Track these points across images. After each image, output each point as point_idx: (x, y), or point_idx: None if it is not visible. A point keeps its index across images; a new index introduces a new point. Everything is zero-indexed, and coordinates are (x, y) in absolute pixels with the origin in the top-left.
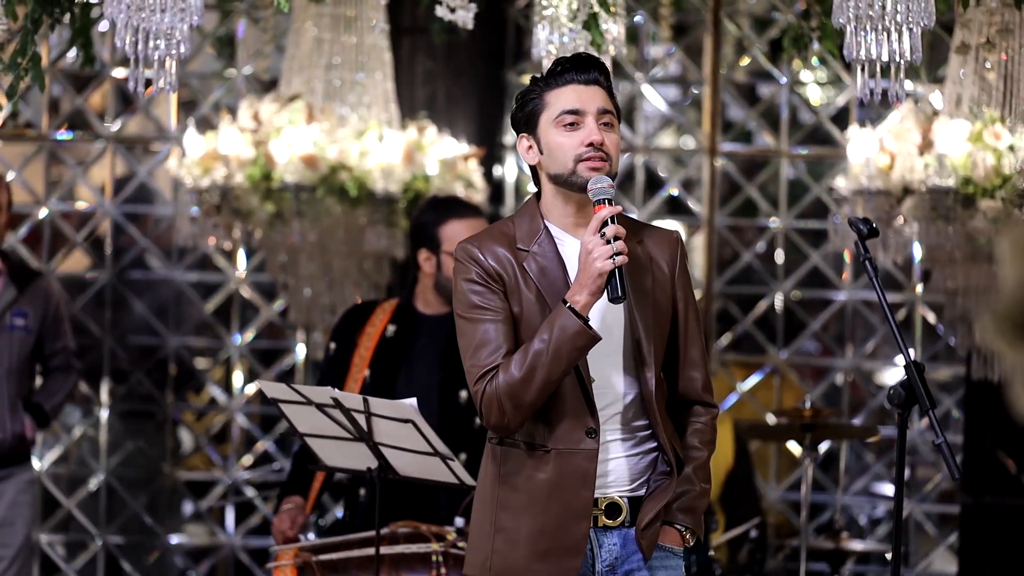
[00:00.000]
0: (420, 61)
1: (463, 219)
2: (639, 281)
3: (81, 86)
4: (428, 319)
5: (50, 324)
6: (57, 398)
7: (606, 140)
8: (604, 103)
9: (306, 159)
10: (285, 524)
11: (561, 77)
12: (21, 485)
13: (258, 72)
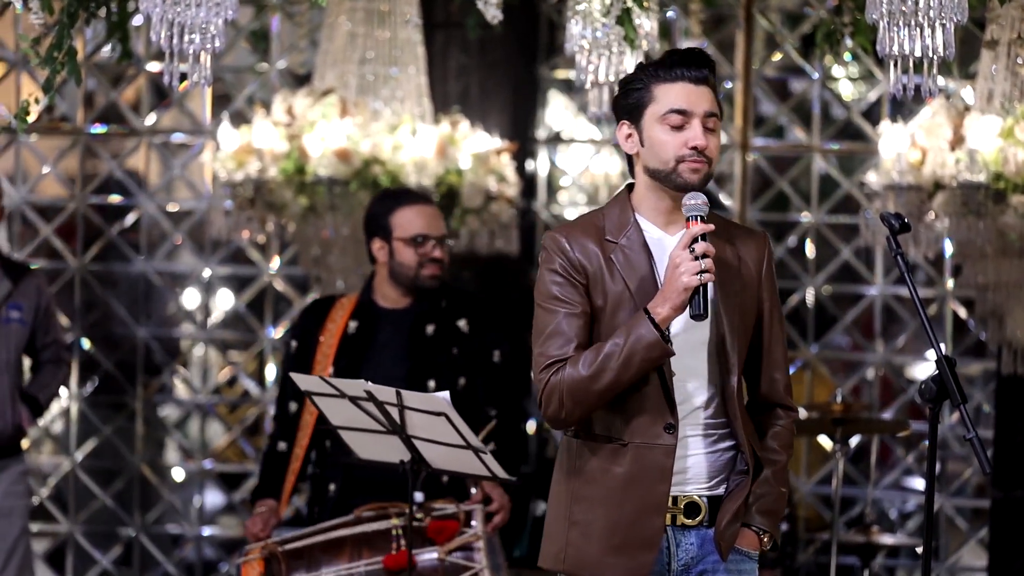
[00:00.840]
0: (453, 56)
1: (412, 205)
2: (727, 282)
3: (116, 80)
4: (389, 313)
5: (42, 317)
6: (50, 389)
7: (710, 144)
8: (711, 105)
9: (339, 153)
10: (257, 527)
11: (672, 71)
12: (15, 476)
13: (292, 66)
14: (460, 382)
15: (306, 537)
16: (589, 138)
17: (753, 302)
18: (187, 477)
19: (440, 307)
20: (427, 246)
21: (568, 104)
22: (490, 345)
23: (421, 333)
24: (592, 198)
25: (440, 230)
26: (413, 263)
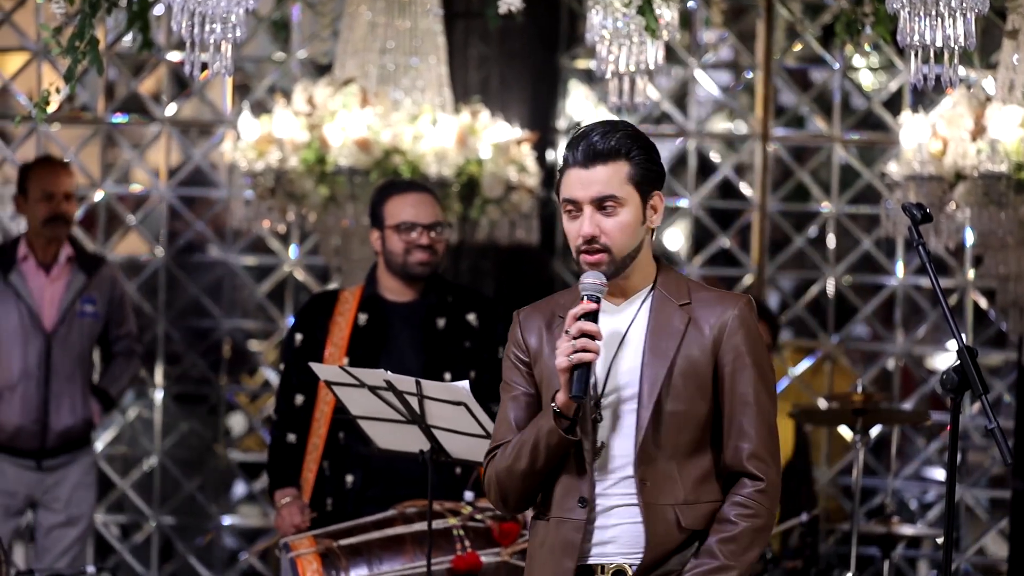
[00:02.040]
0: (474, 45)
1: (402, 194)
2: (661, 351)
3: (137, 70)
4: (397, 306)
5: (115, 309)
6: (122, 383)
7: (604, 228)
8: (603, 189)
9: (360, 143)
10: (296, 517)
11: (568, 155)
12: (85, 467)
13: (313, 56)
14: (471, 375)
15: (356, 532)
16: None
17: (706, 370)
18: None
19: (447, 302)
20: (414, 233)
21: (588, 94)
22: (498, 341)
23: (433, 326)
24: None
25: (429, 217)
26: (400, 250)
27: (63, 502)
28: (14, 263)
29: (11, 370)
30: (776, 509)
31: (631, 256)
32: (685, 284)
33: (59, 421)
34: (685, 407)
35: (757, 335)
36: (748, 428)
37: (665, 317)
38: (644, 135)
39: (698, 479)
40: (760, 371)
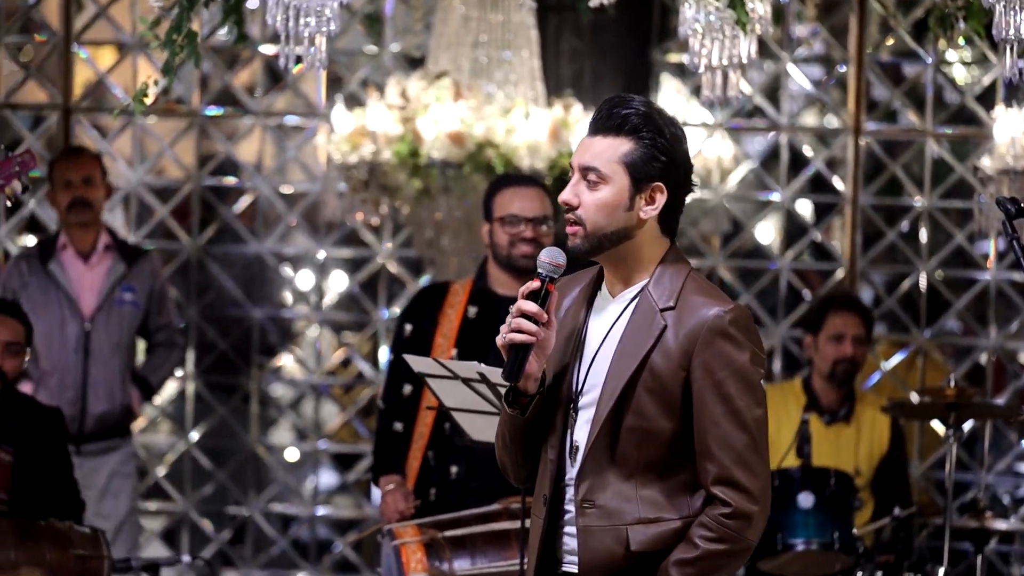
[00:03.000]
0: (566, 39)
1: (512, 187)
2: (624, 351)
3: (231, 63)
4: (507, 300)
5: (156, 300)
6: (162, 372)
7: (582, 199)
8: (591, 159)
9: (453, 136)
10: (400, 504)
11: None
12: (124, 456)
13: (406, 49)
14: None
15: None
16: (701, 122)
17: (673, 384)
18: (301, 457)
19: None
20: (518, 226)
21: (680, 88)
22: None
23: None
24: (704, 181)
25: (534, 211)
26: (505, 243)
27: (99, 490)
28: (54, 252)
29: (50, 356)
30: (754, 532)
31: (609, 239)
32: (679, 285)
33: (97, 406)
34: (646, 423)
35: (736, 347)
36: (715, 450)
37: (640, 323)
38: (668, 125)
39: (664, 497)
40: (737, 386)
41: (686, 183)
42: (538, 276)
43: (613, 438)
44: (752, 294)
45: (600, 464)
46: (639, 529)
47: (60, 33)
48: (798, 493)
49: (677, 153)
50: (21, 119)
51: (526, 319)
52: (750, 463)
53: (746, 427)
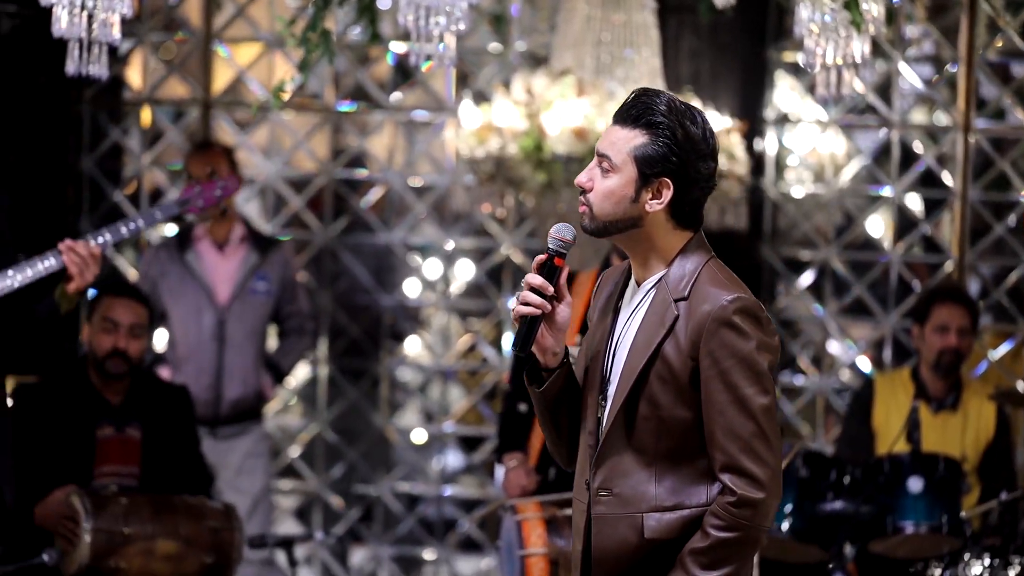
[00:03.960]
0: (686, 38)
1: None
2: (641, 341)
3: (363, 60)
4: None
5: (287, 288)
6: (292, 357)
7: (595, 183)
8: (606, 147)
9: (576, 131)
10: (522, 479)
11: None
12: (257, 437)
13: (531, 48)
14: None
15: None
16: (816, 119)
17: (683, 374)
18: (428, 439)
19: None
20: None
21: (795, 85)
22: None
23: None
24: (818, 176)
25: None
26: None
27: (233, 470)
28: (191, 243)
29: (187, 342)
30: (763, 518)
31: (615, 226)
32: (694, 276)
33: (232, 391)
34: (662, 412)
35: (740, 336)
36: (721, 438)
37: (655, 313)
38: (687, 123)
39: (683, 484)
40: (743, 374)
41: (698, 180)
42: (549, 251)
43: (630, 427)
44: (864, 285)
45: (619, 452)
46: (654, 516)
47: (201, 31)
48: (908, 478)
49: (690, 151)
50: (163, 113)
51: (533, 292)
52: (757, 450)
53: (752, 415)
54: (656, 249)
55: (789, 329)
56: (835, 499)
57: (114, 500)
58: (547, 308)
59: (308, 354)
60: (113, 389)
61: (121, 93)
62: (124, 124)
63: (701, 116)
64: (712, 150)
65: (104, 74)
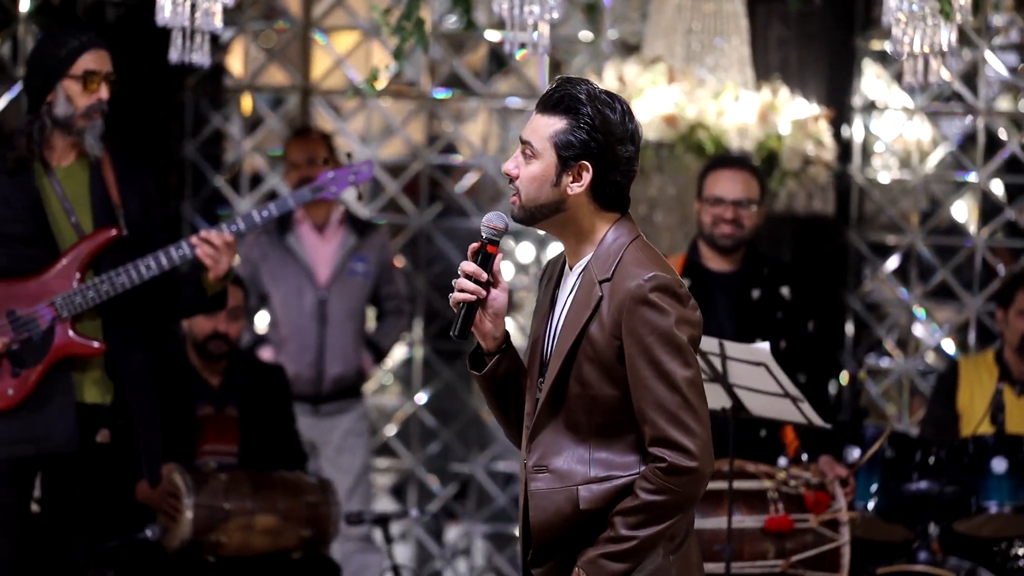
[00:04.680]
0: (774, 27)
1: (719, 170)
2: (570, 322)
3: (458, 48)
4: (717, 275)
5: (385, 270)
6: (391, 337)
7: (520, 170)
8: (528, 135)
9: (667, 118)
10: None
11: None
12: (357, 415)
13: (623, 36)
14: (781, 345)
15: None
16: (902, 106)
17: (609, 352)
18: None
19: (763, 274)
20: (720, 207)
21: (882, 73)
22: (808, 315)
23: (747, 297)
24: (905, 162)
25: (736, 194)
26: (708, 222)
27: (334, 448)
28: (291, 226)
29: (289, 323)
30: (694, 486)
31: (542, 211)
32: (618, 257)
33: (333, 368)
34: (591, 391)
35: (658, 312)
36: (649, 412)
37: (582, 295)
38: (604, 108)
39: (615, 458)
40: (664, 349)
41: (618, 163)
42: (482, 239)
43: (562, 406)
44: (949, 269)
45: (553, 431)
46: (588, 488)
47: (300, 20)
48: (992, 458)
49: (608, 135)
50: (263, 100)
51: (468, 279)
52: (684, 421)
53: (676, 388)
54: (583, 233)
55: (875, 312)
56: (920, 479)
57: (214, 477)
58: (482, 294)
59: (405, 335)
60: (212, 370)
61: (222, 80)
62: (225, 111)
63: (621, 104)
64: (631, 135)
65: (206, 62)
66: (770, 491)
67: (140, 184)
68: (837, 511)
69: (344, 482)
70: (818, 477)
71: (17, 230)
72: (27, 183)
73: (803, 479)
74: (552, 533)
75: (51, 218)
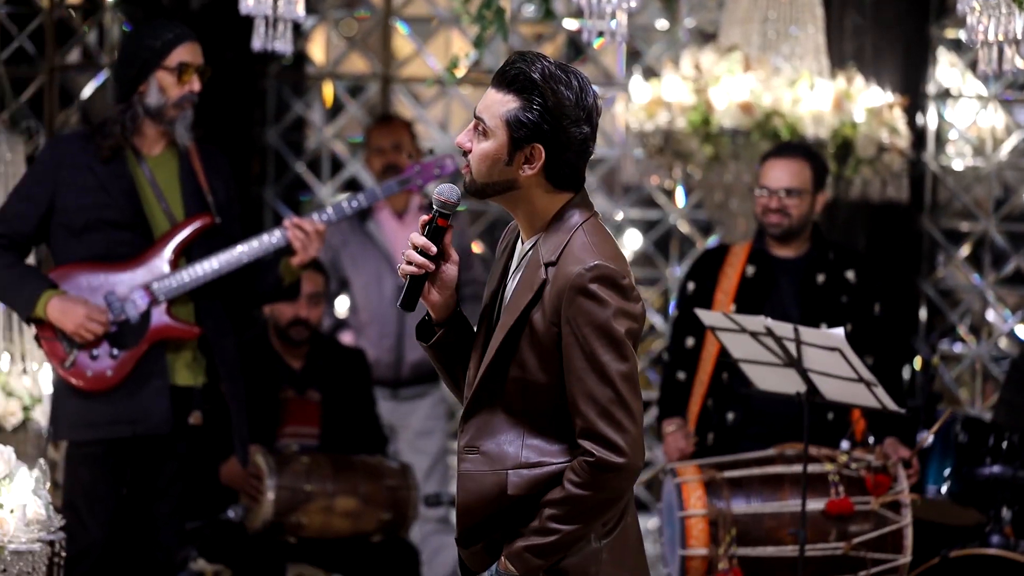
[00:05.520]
0: (849, 16)
1: (772, 159)
2: (512, 304)
3: (537, 36)
4: (782, 261)
5: (463, 256)
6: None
7: (473, 147)
8: (482, 110)
9: (743, 106)
10: (681, 442)
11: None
12: (436, 400)
13: (700, 25)
14: (848, 328)
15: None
16: (976, 94)
17: (547, 338)
18: None
19: (828, 259)
20: (766, 197)
21: (956, 61)
22: (874, 297)
23: (812, 281)
24: (978, 150)
25: (782, 183)
26: (760, 210)
27: (414, 432)
28: (371, 212)
29: (369, 308)
30: (621, 481)
31: (493, 188)
32: (565, 241)
33: (413, 354)
34: (528, 375)
35: (597, 304)
36: (580, 404)
37: (527, 276)
38: (560, 88)
39: (548, 445)
40: (600, 342)
41: (571, 144)
42: (432, 212)
43: (499, 387)
44: (1022, 256)
45: (487, 411)
46: (518, 473)
47: (381, 8)
48: None
49: (561, 117)
50: (344, 87)
51: (418, 252)
52: (615, 416)
53: (610, 382)
54: (536, 211)
55: (948, 298)
56: (993, 464)
57: (296, 459)
58: (430, 268)
59: None
60: (294, 355)
61: (304, 68)
62: (307, 98)
63: (578, 80)
64: (587, 114)
65: (288, 50)
66: (831, 474)
67: (225, 173)
68: (898, 493)
69: (422, 465)
70: (881, 460)
71: (114, 216)
72: (122, 170)
73: (865, 462)
74: (476, 517)
75: (145, 204)
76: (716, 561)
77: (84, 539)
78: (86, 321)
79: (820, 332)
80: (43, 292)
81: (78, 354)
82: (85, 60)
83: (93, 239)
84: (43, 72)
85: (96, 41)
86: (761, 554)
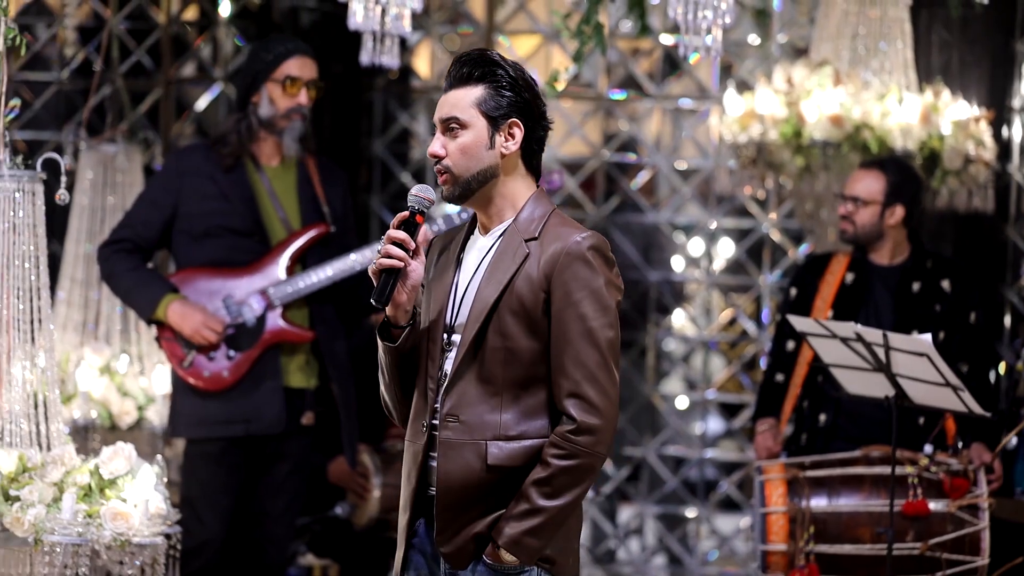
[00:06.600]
0: (936, 31)
1: (857, 169)
2: (491, 277)
3: (633, 51)
4: (880, 269)
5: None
6: None
7: (448, 149)
8: (448, 111)
9: (833, 118)
10: (769, 442)
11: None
12: None
13: (792, 40)
14: (940, 336)
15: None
16: None
17: (535, 306)
18: (690, 405)
19: (926, 267)
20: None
21: None
22: (969, 306)
23: (908, 289)
24: None
25: (853, 191)
26: (837, 220)
27: None
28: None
29: None
30: (601, 444)
31: (477, 180)
32: (543, 219)
33: None
34: (510, 343)
35: (592, 271)
36: (568, 366)
37: (505, 251)
38: (514, 66)
39: (527, 414)
40: (593, 307)
41: (541, 117)
42: (409, 209)
43: (480, 358)
44: None
45: (467, 382)
46: (498, 444)
47: (484, 24)
48: None
49: (526, 91)
50: None
51: (395, 246)
52: (599, 379)
53: (598, 346)
54: (507, 197)
55: None
56: None
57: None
58: (409, 262)
59: None
60: None
61: (410, 81)
62: (412, 110)
63: (515, 62)
64: (537, 88)
65: (395, 63)
66: (911, 476)
67: (342, 185)
68: (977, 496)
69: None
70: (964, 464)
71: (234, 223)
72: (242, 179)
73: (946, 465)
74: (460, 487)
75: (263, 212)
76: (795, 557)
77: (200, 533)
78: (202, 328)
79: (908, 338)
80: (164, 295)
81: (196, 355)
82: (199, 73)
83: (213, 245)
84: (159, 85)
85: (210, 55)
86: (839, 551)
